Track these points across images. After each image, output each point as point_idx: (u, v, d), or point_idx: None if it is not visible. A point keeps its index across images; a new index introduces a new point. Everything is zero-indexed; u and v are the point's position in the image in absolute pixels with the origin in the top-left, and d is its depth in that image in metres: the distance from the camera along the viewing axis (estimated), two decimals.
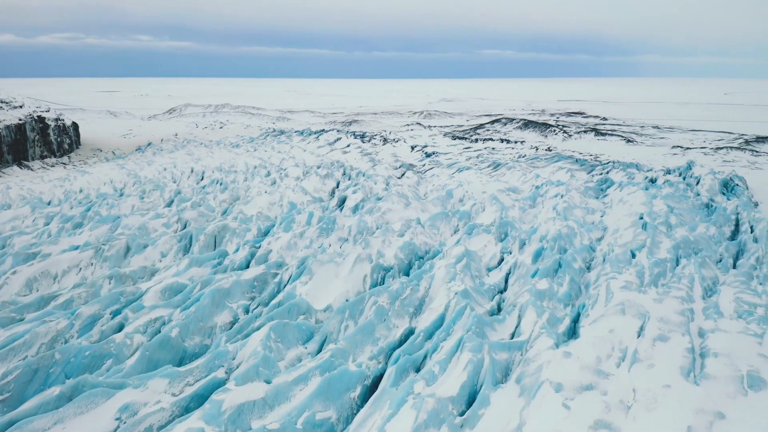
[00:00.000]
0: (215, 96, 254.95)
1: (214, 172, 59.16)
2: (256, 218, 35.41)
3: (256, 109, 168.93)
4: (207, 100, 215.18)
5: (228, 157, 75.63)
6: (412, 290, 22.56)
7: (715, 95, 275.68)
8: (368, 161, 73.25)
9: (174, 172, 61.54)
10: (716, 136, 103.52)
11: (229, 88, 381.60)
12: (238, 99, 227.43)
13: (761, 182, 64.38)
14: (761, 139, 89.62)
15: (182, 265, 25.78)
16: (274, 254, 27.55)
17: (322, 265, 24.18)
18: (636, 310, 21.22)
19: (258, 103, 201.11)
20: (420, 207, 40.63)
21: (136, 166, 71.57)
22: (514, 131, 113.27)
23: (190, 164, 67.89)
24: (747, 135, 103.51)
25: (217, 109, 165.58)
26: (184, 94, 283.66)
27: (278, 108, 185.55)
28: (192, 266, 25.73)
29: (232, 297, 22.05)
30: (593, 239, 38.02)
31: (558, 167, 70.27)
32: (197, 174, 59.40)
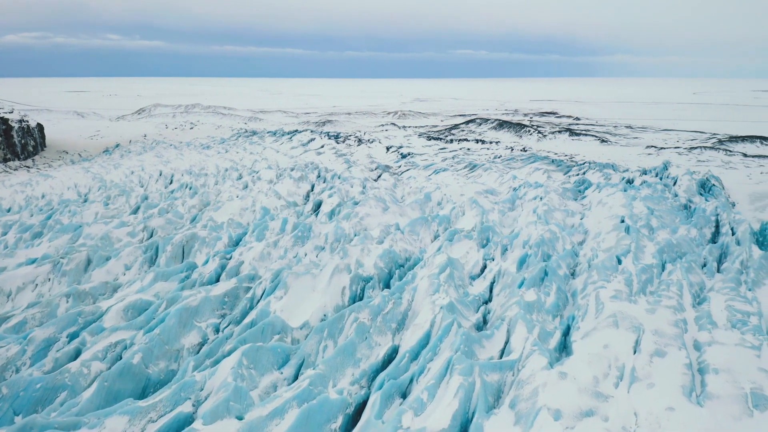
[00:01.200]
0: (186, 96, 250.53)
1: (184, 175, 57.14)
2: (227, 225, 33.74)
3: (228, 109, 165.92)
4: (177, 100, 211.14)
5: (198, 159, 73.49)
6: (394, 304, 21.24)
7: (684, 95, 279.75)
8: (343, 162, 71.79)
9: (141, 176, 59.37)
10: (689, 136, 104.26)
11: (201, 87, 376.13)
12: (209, 99, 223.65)
13: (736, 182, 64.51)
14: (734, 138, 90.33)
15: (147, 280, 24.06)
16: (246, 266, 25.97)
17: (298, 278, 22.70)
18: (629, 323, 20.21)
19: (229, 103, 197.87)
20: (398, 211, 39.36)
21: (102, 169, 69.06)
22: (488, 131, 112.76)
23: (159, 167, 65.67)
24: (719, 134, 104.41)
25: (187, 110, 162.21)
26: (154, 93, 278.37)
27: (250, 108, 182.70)
28: (157, 281, 24.03)
29: (200, 315, 20.48)
30: (575, 243, 37.20)
31: (534, 168, 69.64)
32: (166, 177, 57.32)
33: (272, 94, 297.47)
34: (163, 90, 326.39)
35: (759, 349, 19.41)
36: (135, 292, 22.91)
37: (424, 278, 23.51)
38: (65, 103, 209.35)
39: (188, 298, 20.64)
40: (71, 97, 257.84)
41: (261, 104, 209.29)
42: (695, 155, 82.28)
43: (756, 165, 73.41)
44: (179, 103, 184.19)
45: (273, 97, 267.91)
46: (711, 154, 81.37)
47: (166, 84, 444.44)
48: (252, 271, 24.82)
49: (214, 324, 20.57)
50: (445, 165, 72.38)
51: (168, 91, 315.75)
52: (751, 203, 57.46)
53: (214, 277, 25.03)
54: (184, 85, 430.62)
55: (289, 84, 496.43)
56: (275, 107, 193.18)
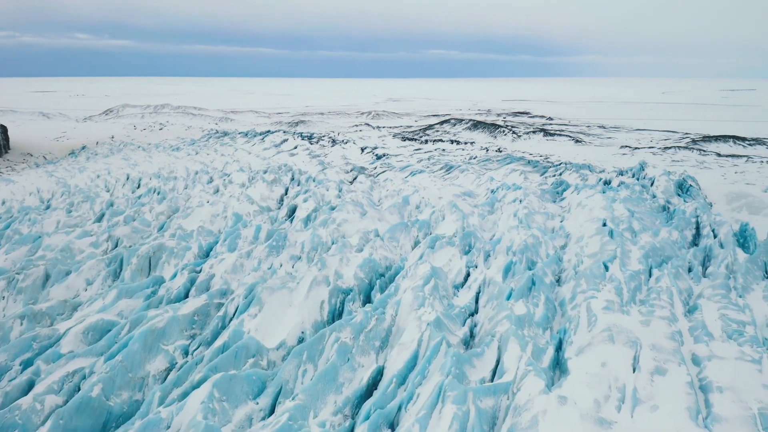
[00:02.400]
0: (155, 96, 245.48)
1: (152, 179, 55.00)
2: (196, 234, 32.02)
3: (198, 110, 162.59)
4: (146, 100, 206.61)
5: (167, 161, 71.21)
6: (377, 320, 19.91)
7: (653, 94, 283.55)
8: (317, 164, 70.20)
9: (108, 180, 57.04)
10: (662, 136, 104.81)
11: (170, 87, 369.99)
12: (179, 99, 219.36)
13: (711, 182, 64.53)
14: (708, 138, 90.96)
15: (109, 297, 22.32)
16: (217, 280, 24.37)
17: (273, 293, 21.22)
18: (625, 337, 19.19)
19: (200, 103, 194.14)
20: (377, 216, 38.05)
21: (67, 173, 66.39)
22: (463, 132, 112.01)
23: (126, 170, 63.29)
24: (692, 134, 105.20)
25: (156, 110, 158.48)
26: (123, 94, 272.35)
27: (221, 108, 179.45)
28: (121, 298, 22.33)
29: (167, 337, 18.90)
30: (557, 247, 36.34)
31: (511, 169, 68.92)
32: (133, 181, 55.14)
33: (244, 94, 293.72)
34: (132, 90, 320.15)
35: (759, 363, 18.55)
36: (96, 311, 21.20)
37: (407, 291, 22.23)
38: (31, 104, 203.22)
39: (154, 319, 19.03)
40: (37, 98, 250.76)
41: (232, 104, 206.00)
42: (670, 155, 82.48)
43: (730, 165, 73.78)
44: (148, 103, 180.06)
45: (244, 97, 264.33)
46: (685, 153, 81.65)
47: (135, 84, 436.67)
48: (224, 285, 23.25)
49: (182, 346, 19.01)
50: (421, 166, 71.24)
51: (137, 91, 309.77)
52: (727, 203, 57.38)
53: (182, 292, 23.38)
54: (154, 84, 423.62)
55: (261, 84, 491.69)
56: (247, 107, 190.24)
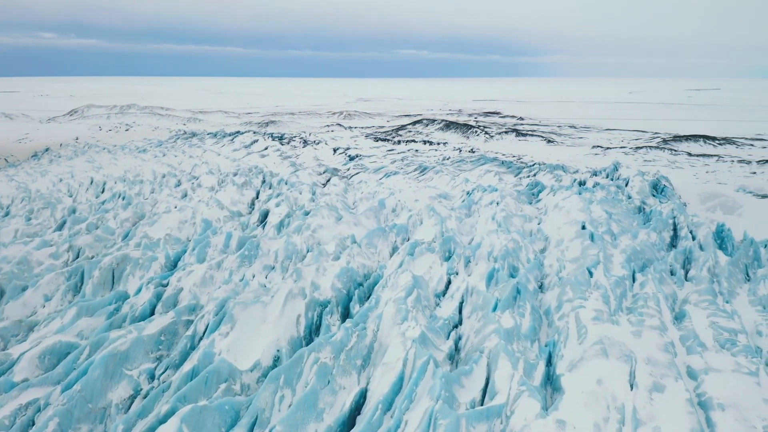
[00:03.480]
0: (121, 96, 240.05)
1: (117, 183, 52.87)
2: (163, 243, 30.37)
3: (166, 110, 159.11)
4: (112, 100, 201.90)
5: (133, 163, 68.89)
6: (358, 337, 18.69)
7: (620, 94, 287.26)
8: (289, 166, 68.66)
9: (71, 184, 54.71)
10: (632, 135, 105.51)
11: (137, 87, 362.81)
12: (146, 99, 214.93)
13: (684, 182, 64.78)
14: (678, 138, 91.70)
15: (69, 316, 20.66)
16: (185, 294, 22.83)
17: (246, 309, 19.84)
18: (618, 350, 18.31)
19: (167, 104, 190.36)
20: (353, 221, 36.79)
21: (29, 177, 63.64)
22: (436, 132, 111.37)
23: (90, 173, 60.90)
24: (661, 134, 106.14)
25: (122, 110, 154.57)
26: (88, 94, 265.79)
27: (189, 108, 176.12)
28: (81, 316, 20.69)
29: (131, 361, 17.41)
30: (537, 251, 35.60)
31: (485, 170, 68.37)
32: (97, 185, 52.95)
33: (212, 94, 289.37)
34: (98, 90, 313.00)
35: (757, 375, 17.84)
36: (54, 332, 19.55)
37: (389, 303, 21.05)
38: None
39: (116, 341, 17.50)
40: None
41: (201, 104, 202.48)
42: (641, 155, 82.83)
43: (701, 164, 74.30)
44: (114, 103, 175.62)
45: (213, 97, 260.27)
46: (657, 153, 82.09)
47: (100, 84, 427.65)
48: (192, 300, 21.74)
49: (148, 370, 17.54)
50: (395, 168, 70.20)
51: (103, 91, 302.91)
52: (701, 203, 57.57)
53: (148, 309, 21.79)
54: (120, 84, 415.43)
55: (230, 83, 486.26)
56: (216, 107, 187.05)
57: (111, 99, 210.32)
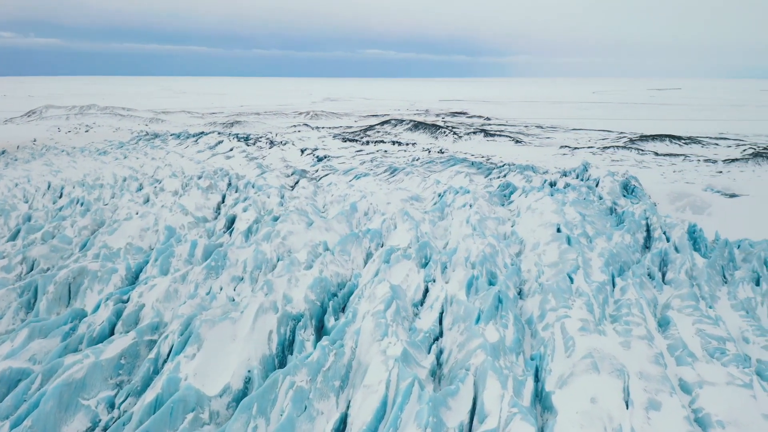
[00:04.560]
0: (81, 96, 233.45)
1: (75, 187, 50.48)
2: (124, 252, 28.60)
3: (127, 110, 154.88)
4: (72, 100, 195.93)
5: (93, 166, 66.24)
6: (336, 356, 17.46)
7: (584, 94, 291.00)
8: (255, 167, 66.89)
9: (27, 189, 52.05)
10: (599, 135, 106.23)
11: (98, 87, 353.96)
12: (106, 99, 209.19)
13: (652, 181, 65.09)
14: (645, 137, 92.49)
15: (20, 338, 18.88)
16: (148, 311, 21.23)
17: (214, 326, 18.42)
18: (609, 364, 17.46)
19: (129, 104, 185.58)
20: (324, 226, 35.47)
21: None
22: (404, 133, 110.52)
23: (48, 178, 58.18)
24: (627, 133, 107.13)
25: (82, 111, 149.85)
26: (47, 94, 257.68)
27: (151, 108, 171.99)
28: (34, 338, 18.97)
29: (88, 390, 15.86)
30: (512, 255, 34.87)
31: (456, 171, 67.74)
32: (55, 190, 50.48)
33: (175, 93, 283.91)
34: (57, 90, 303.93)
35: (751, 387, 17.18)
36: (3, 356, 17.79)
37: (367, 317, 19.86)
38: None
39: (72, 367, 15.91)
40: None
41: (163, 104, 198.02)
42: (609, 155, 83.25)
43: (668, 164, 74.90)
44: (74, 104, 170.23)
45: (176, 97, 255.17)
46: (624, 153, 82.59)
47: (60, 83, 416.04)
48: (155, 317, 20.17)
49: (107, 398, 16.01)
50: (365, 169, 69.01)
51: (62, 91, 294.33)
52: (671, 203, 57.79)
53: (107, 328, 20.14)
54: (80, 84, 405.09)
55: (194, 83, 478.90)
56: (179, 107, 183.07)
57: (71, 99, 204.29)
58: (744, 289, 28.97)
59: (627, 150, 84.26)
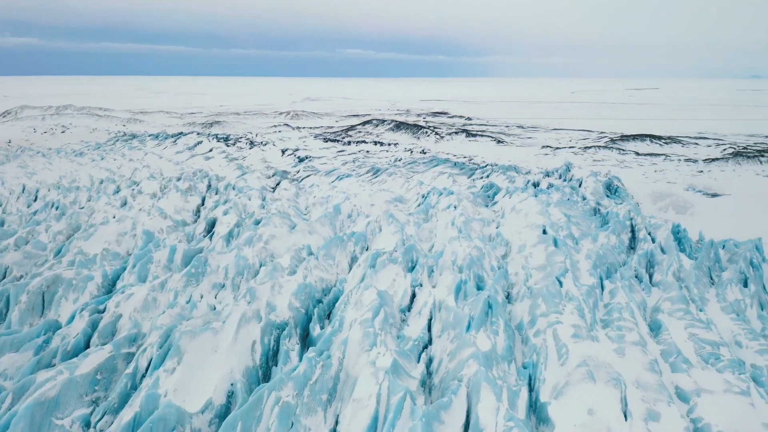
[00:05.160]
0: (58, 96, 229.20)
1: (51, 190, 49.08)
2: (100, 259, 27.58)
3: (105, 111, 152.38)
4: (48, 100, 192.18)
5: (69, 168, 64.70)
6: (323, 368, 16.75)
7: (563, 94, 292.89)
8: (236, 168, 65.85)
9: (0, 192, 50.55)
10: (579, 135, 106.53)
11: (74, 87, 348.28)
12: (83, 99, 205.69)
13: (634, 181, 65.21)
14: (626, 137, 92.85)
15: None
16: (125, 321, 20.32)
17: (195, 338, 17.60)
18: (605, 373, 16.97)
19: (106, 104, 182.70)
20: (307, 228, 34.68)
21: None
22: (386, 133, 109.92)
23: (22, 180, 56.64)
24: (607, 133, 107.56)
25: (59, 111, 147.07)
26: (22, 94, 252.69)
27: (129, 108, 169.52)
28: (5, 351, 18.00)
29: (63, 408, 14.98)
30: (499, 257, 34.40)
31: (438, 172, 67.40)
32: (29, 193, 49.05)
33: (153, 93, 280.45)
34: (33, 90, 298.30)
35: (749, 394, 16.81)
36: None
37: (354, 325, 19.17)
38: None
39: (45, 385, 15.01)
40: None
41: (141, 104, 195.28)
42: (590, 155, 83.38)
43: (649, 163, 75.18)
44: (50, 104, 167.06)
45: (154, 97, 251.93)
46: (605, 153, 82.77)
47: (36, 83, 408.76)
48: (133, 329, 19.26)
49: (82, 417, 15.13)
50: (347, 170, 68.28)
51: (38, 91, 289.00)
52: (653, 203, 57.87)
53: (82, 341, 19.20)
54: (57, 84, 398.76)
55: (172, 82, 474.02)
56: (157, 107, 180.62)
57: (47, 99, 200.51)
58: (732, 291, 28.80)
59: (608, 150, 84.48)
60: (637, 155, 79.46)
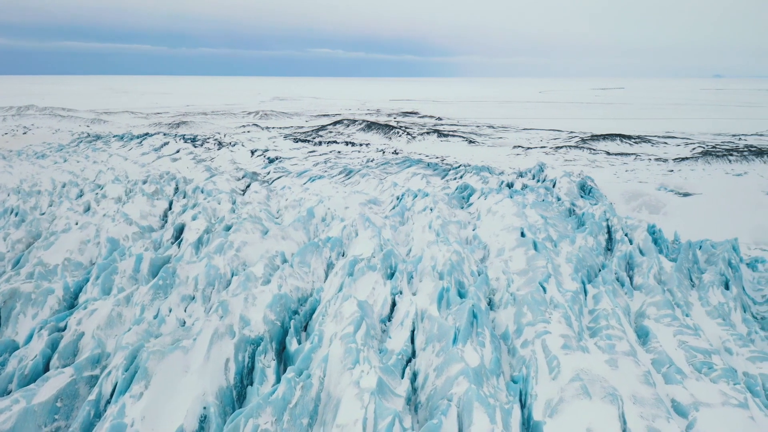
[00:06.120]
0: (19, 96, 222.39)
1: (10, 195, 46.79)
2: (61, 269, 25.93)
3: (68, 111, 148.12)
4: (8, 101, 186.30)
5: (30, 171, 62.07)
6: (303, 389, 15.63)
7: (531, 94, 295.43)
8: (204, 170, 64.01)
9: None
10: (550, 135, 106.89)
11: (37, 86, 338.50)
12: (46, 99, 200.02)
13: (606, 181, 65.36)
14: (596, 137, 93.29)
15: None
16: (87, 341, 18.87)
17: (164, 358, 16.31)
18: (600, 388, 16.20)
19: (70, 104, 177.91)
20: (280, 234, 33.41)
21: None
22: (357, 133, 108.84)
23: None
24: (577, 132, 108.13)
25: (20, 112, 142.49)
26: None
27: (93, 109, 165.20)
28: None
29: None
30: (477, 261, 33.63)
31: (412, 173, 66.54)
32: None
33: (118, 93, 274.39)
34: None
35: (747, 406, 16.20)
36: None
37: (334, 341, 18.08)
38: None
39: None
40: None
41: (106, 104, 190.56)
42: (562, 154, 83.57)
43: (620, 163, 75.57)
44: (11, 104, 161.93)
45: (119, 96, 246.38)
46: (577, 153, 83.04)
47: None
48: (96, 349, 17.83)
49: None
50: (319, 171, 67.09)
51: None
52: (626, 203, 57.98)
53: (40, 363, 17.70)
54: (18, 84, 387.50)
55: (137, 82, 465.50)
56: (122, 107, 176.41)
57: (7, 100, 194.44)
58: (714, 294, 28.45)
59: (579, 150, 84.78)
60: (608, 155, 79.83)
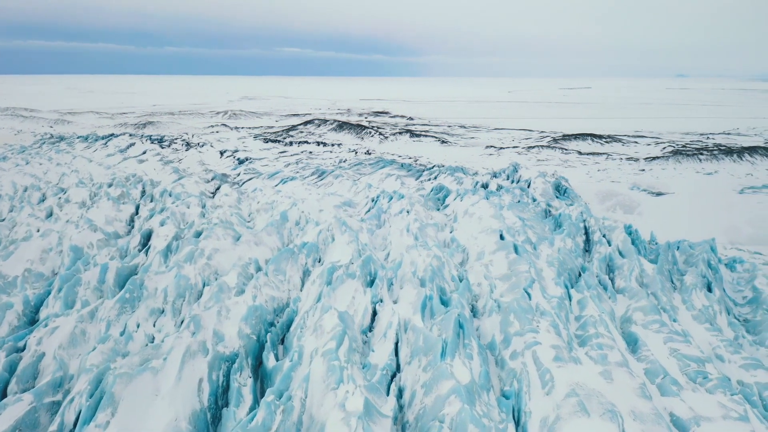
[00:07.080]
0: None
1: None
2: (21, 281, 24.28)
3: (30, 111, 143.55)
4: None
5: None
6: (284, 413, 14.52)
7: (500, 93, 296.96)
8: (172, 172, 62.09)
9: None
10: (521, 135, 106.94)
11: None
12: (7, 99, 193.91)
13: (579, 181, 65.27)
14: (567, 137, 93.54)
15: None
16: (48, 362, 17.41)
17: (132, 381, 15.03)
18: (598, 404, 15.42)
19: (32, 104, 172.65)
20: (253, 240, 32.10)
21: None
22: (329, 133, 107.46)
23: None
24: (548, 132, 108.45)
25: None
26: None
27: (57, 109, 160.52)
28: None
29: None
30: (457, 265, 32.83)
31: (386, 174, 65.67)
32: None
33: (82, 93, 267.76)
34: None
35: (747, 419, 15.62)
36: None
37: (316, 357, 16.99)
38: None
39: None
40: None
41: (69, 104, 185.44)
42: (534, 154, 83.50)
43: (592, 162, 75.71)
44: None
45: (83, 96, 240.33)
46: (549, 153, 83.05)
47: None
48: (58, 371, 16.42)
49: None
50: (291, 172, 65.69)
51: None
52: (600, 203, 57.90)
53: None
54: None
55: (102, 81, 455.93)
56: (86, 107, 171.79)
57: None
58: (698, 296, 28.06)
59: (551, 149, 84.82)
60: (580, 154, 79.97)
